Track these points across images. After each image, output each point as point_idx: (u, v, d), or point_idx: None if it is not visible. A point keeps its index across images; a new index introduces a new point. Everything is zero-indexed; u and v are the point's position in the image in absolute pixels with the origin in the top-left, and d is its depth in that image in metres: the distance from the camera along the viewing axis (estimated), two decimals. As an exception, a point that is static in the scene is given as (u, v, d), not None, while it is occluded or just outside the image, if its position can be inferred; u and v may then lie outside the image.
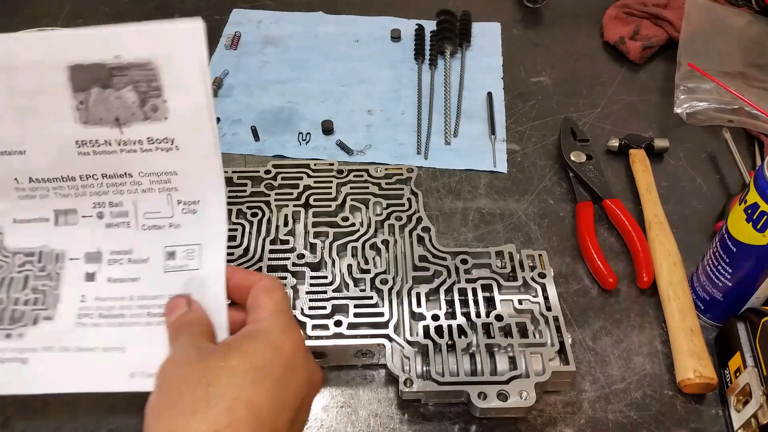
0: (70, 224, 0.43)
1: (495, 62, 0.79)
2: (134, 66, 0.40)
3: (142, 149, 0.41)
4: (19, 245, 0.43)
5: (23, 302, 0.42)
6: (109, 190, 0.43)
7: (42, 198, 0.43)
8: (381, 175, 0.60)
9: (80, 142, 0.41)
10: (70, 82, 0.40)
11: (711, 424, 0.48)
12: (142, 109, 0.40)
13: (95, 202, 0.43)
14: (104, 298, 0.41)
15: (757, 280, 0.48)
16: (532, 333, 0.49)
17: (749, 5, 0.81)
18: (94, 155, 0.42)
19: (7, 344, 0.40)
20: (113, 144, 0.41)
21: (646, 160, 0.65)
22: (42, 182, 0.43)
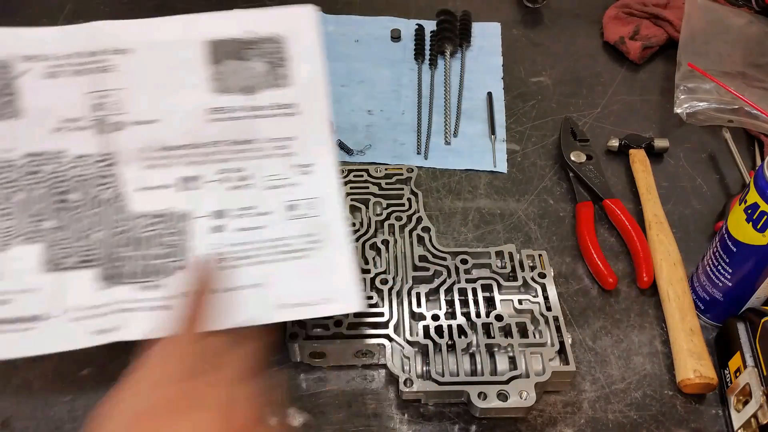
0: (194, 189, 0.47)
1: (495, 62, 0.79)
2: (265, 40, 0.47)
3: (268, 114, 0.47)
4: (144, 209, 0.46)
5: (157, 257, 0.45)
6: (233, 156, 0.47)
7: (168, 167, 0.47)
8: (381, 175, 0.60)
9: (213, 110, 0.47)
10: (207, 56, 0.47)
11: (711, 424, 0.48)
12: (270, 78, 0.47)
13: (219, 168, 0.47)
14: (234, 243, 0.45)
15: (757, 280, 0.48)
16: (532, 333, 0.49)
17: (749, 5, 0.81)
18: (225, 121, 0.47)
19: (153, 294, 0.44)
20: (243, 110, 0.47)
21: (646, 160, 0.65)
22: (171, 150, 0.47)
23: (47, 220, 0.46)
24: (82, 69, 0.46)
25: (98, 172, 0.47)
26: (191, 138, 0.47)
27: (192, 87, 0.47)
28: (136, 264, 0.45)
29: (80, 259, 0.45)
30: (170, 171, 0.47)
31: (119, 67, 0.46)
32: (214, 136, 0.47)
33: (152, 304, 0.43)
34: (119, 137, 0.46)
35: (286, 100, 0.47)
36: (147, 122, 0.47)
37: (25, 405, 0.47)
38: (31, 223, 0.46)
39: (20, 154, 0.47)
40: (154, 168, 0.47)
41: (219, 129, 0.47)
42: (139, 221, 0.46)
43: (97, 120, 0.46)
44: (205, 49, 0.46)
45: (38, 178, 0.46)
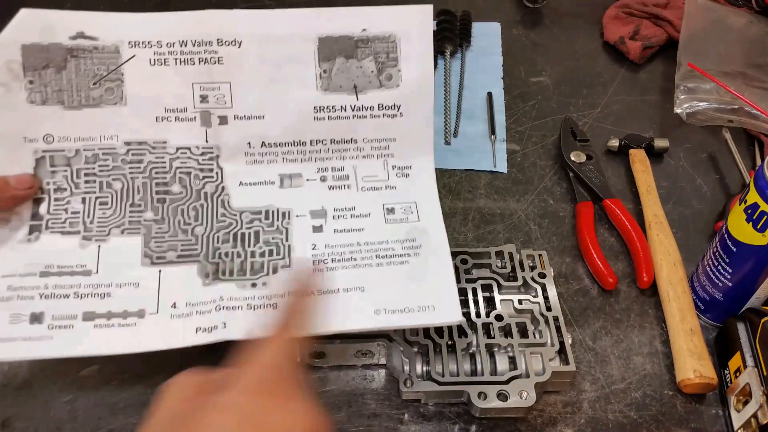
0: (294, 187, 0.47)
1: (495, 62, 0.79)
2: (378, 39, 0.46)
3: (371, 115, 0.47)
4: (245, 205, 0.46)
5: (259, 254, 0.44)
6: (333, 155, 0.47)
7: (269, 163, 0.47)
8: (381, 175, 0.60)
9: (318, 108, 0.46)
10: (317, 53, 0.46)
11: (711, 424, 0.48)
12: (379, 78, 0.46)
13: (319, 167, 0.47)
14: (334, 245, 0.45)
15: (757, 280, 0.48)
16: (532, 333, 0.49)
17: (749, 5, 0.81)
18: (328, 120, 0.47)
19: (255, 292, 0.43)
20: (348, 110, 0.47)
21: (646, 160, 0.65)
22: (273, 147, 0.47)
23: (147, 211, 0.45)
24: (189, 58, 0.45)
25: (201, 165, 0.46)
26: (295, 135, 0.46)
27: (300, 84, 0.46)
28: (238, 260, 0.44)
29: (181, 254, 0.44)
30: (272, 167, 0.47)
31: (227, 59, 0.46)
32: (318, 135, 0.46)
33: (254, 303, 0.42)
34: (223, 131, 0.46)
35: (392, 101, 0.46)
36: (252, 117, 0.46)
37: (25, 405, 0.47)
38: (131, 214, 0.45)
39: (122, 141, 0.46)
40: (257, 164, 0.47)
41: (322, 128, 0.46)
42: (241, 217, 0.46)
43: (202, 112, 0.46)
44: (317, 45, 0.46)
45: (140, 167, 0.46)
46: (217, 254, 0.44)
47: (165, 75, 0.46)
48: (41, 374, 0.49)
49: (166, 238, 0.45)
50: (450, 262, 0.44)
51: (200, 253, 0.44)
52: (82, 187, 0.46)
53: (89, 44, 0.46)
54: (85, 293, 0.43)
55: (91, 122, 0.46)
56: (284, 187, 0.46)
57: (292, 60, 0.46)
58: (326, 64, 0.46)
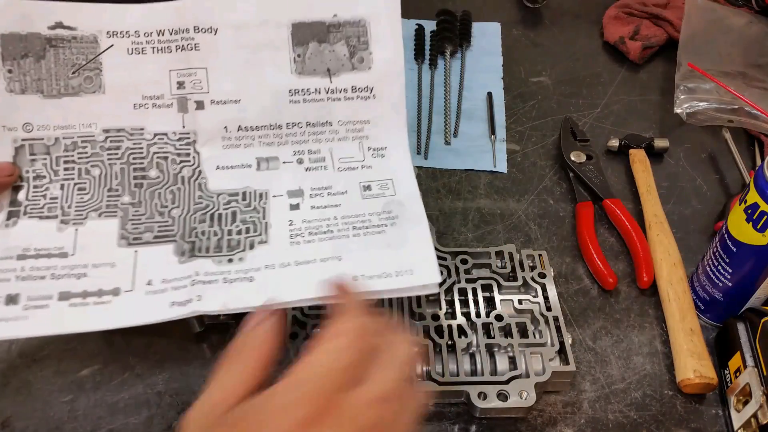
0: (271, 169, 0.48)
1: (495, 62, 0.79)
2: (348, 23, 0.48)
3: (345, 97, 0.48)
4: (222, 188, 0.47)
5: (236, 232, 0.45)
6: (309, 138, 0.48)
7: (246, 147, 0.48)
8: (381, 175, 0.60)
9: (293, 91, 0.48)
10: (291, 38, 0.47)
11: (711, 424, 0.48)
12: (351, 61, 0.48)
13: (295, 150, 0.48)
14: (310, 220, 0.45)
15: (757, 280, 0.48)
16: (532, 333, 0.49)
17: (749, 5, 0.81)
18: (304, 103, 0.48)
19: (231, 267, 0.44)
20: (322, 92, 0.48)
21: (646, 160, 0.65)
22: (249, 131, 0.48)
23: (125, 195, 0.46)
24: (166, 46, 0.47)
25: (178, 150, 0.47)
26: (271, 119, 0.47)
27: (275, 68, 0.47)
28: (215, 238, 0.45)
29: (158, 234, 0.45)
30: (249, 151, 0.47)
31: (203, 45, 0.47)
32: (293, 118, 0.48)
33: (230, 276, 0.43)
34: (200, 116, 0.47)
35: (364, 83, 0.48)
36: (228, 102, 0.47)
37: (25, 405, 0.47)
38: (108, 198, 0.46)
39: (100, 129, 0.47)
40: (234, 147, 0.47)
41: (298, 111, 0.48)
42: (218, 199, 0.46)
43: (179, 98, 0.47)
44: (291, 30, 0.47)
45: (117, 154, 0.47)
46: (193, 233, 0.45)
47: (142, 63, 0.47)
48: (41, 374, 0.49)
49: (142, 221, 0.46)
50: (427, 229, 0.45)
51: (177, 234, 0.45)
52: (61, 174, 0.47)
53: (68, 34, 0.47)
54: (61, 274, 0.44)
55: (70, 111, 0.47)
56: (261, 170, 0.47)
57: (267, 45, 0.47)
58: (300, 48, 0.47)
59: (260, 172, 0.47)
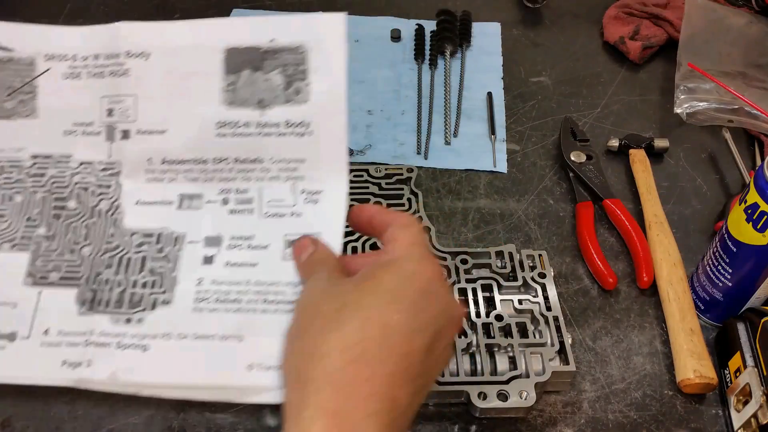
0: (193, 208, 0.44)
1: (495, 62, 0.79)
2: (286, 50, 0.43)
3: (278, 133, 0.43)
4: (138, 226, 0.44)
5: (141, 284, 0.42)
6: (237, 176, 0.44)
7: (170, 181, 0.44)
8: (381, 175, 0.60)
9: (221, 123, 0.43)
10: (223, 64, 0.43)
11: (711, 424, 0.48)
12: (286, 92, 0.43)
13: (222, 188, 0.44)
14: (221, 281, 0.42)
15: (757, 280, 0.48)
16: (532, 333, 0.49)
17: (749, 5, 0.81)
18: (232, 137, 0.43)
19: (128, 329, 0.41)
20: (252, 126, 0.43)
21: (646, 160, 0.65)
22: (174, 164, 0.44)
23: (41, 226, 0.44)
24: (100, 71, 0.44)
25: (99, 181, 0.45)
26: (197, 152, 0.44)
27: (204, 97, 0.43)
28: (118, 290, 0.42)
29: (64, 275, 0.43)
30: (172, 186, 0.44)
31: (134, 71, 0.44)
32: (221, 152, 0.44)
33: (124, 341, 0.40)
34: (125, 146, 0.44)
35: (299, 118, 0.43)
36: (154, 132, 0.44)
37: (25, 405, 0.47)
38: (24, 229, 0.44)
39: (29, 154, 0.45)
40: (157, 181, 0.44)
41: (226, 145, 0.43)
42: (131, 239, 0.43)
43: (108, 126, 0.44)
44: (223, 57, 0.43)
45: (41, 181, 0.45)
46: (98, 280, 0.42)
47: (76, 88, 0.44)
48: (41, 374, 0.49)
49: (53, 257, 0.43)
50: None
51: (82, 277, 0.43)
52: None
53: (5, 55, 0.45)
54: None
55: (2, 134, 0.45)
56: (182, 209, 0.44)
57: (198, 72, 0.43)
58: (232, 76, 0.43)
59: (181, 210, 0.44)
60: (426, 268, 0.34)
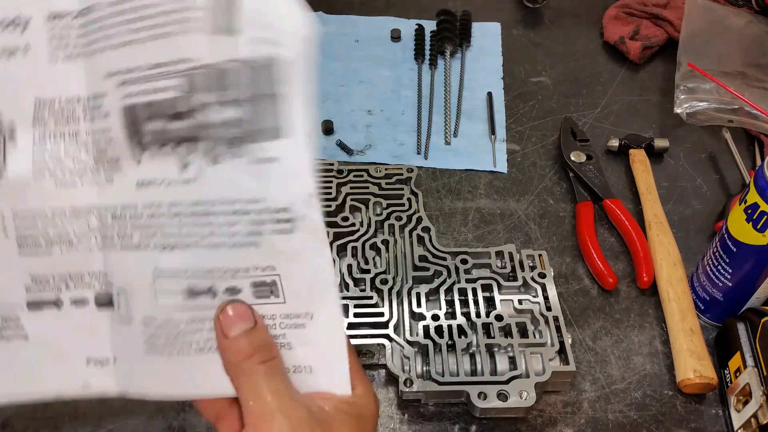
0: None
1: (495, 62, 0.79)
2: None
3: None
4: None
5: None
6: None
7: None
8: (381, 175, 0.60)
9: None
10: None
11: (711, 424, 0.48)
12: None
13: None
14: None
15: (757, 280, 0.48)
16: (532, 333, 0.49)
17: (749, 5, 0.81)
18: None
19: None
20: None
21: (646, 160, 0.65)
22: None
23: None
24: None
25: None
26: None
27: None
28: None
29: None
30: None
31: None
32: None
33: None
34: None
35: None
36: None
37: (25, 405, 0.47)
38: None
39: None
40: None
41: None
42: None
43: None
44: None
45: None
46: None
47: None
48: (41, 374, 0.49)
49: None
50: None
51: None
52: None
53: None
54: None
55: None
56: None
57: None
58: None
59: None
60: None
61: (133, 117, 0.34)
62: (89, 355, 0.36)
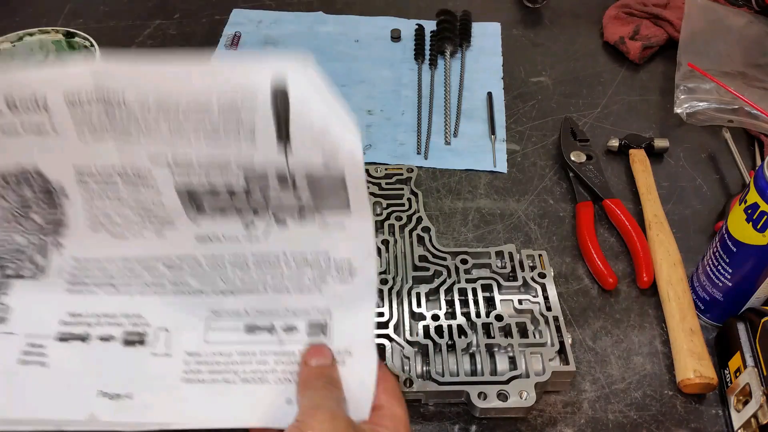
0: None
1: (495, 62, 0.79)
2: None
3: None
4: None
5: None
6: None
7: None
8: (381, 175, 0.60)
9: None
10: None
11: (711, 424, 0.48)
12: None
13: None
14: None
15: (757, 280, 0.48)
16: (532, 333, 0.49)
17: (749, 5, 0.81)
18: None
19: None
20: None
21: (646, 160, 0.65)
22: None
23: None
24: None
25: None
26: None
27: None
28: None
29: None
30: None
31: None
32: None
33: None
34: None
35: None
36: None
37: None
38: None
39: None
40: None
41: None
42: None
43: None
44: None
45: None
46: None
47: None
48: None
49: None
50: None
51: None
52: None
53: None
54: None
55: None
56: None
57: None
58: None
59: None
60: None
61: (190, 193, 0.37)
62: (102, 388, 0.37)
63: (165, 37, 0.79)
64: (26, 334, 0.39)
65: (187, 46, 0.78)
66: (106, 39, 0.78)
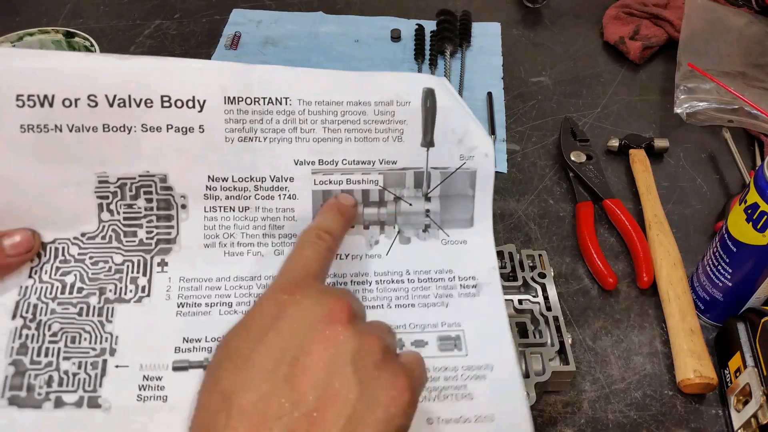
0: None
1: (495, 62, 0.79)
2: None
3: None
4: None
5: None
6: None
7: None
8: (381, 175, 0.60)
9: None
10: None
11: (711, 424, 0.48)
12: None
13: None
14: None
15: (757, 280, 0.48)
16: (532, 333, 0.49)
17: (749, 5, 0.81)
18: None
19: None
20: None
21: (646, 160, 0.65)
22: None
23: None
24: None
25: None
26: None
27: None
28: None
29: None
30: None
31: None
32: None
33: None
34: None
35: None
36: None
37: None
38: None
39: None
40: None
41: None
42: None
43: None
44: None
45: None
46: None
47: None
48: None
49: None
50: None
51: None
52: None
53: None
54: None
55: None
56: None
57: None
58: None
59: None
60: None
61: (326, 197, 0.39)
62: None
63: (165, 37, 0.79)
64: (140, 365, 0.37)
65: (187, 46, 0.77)
66: (106, 39, 0.78)
